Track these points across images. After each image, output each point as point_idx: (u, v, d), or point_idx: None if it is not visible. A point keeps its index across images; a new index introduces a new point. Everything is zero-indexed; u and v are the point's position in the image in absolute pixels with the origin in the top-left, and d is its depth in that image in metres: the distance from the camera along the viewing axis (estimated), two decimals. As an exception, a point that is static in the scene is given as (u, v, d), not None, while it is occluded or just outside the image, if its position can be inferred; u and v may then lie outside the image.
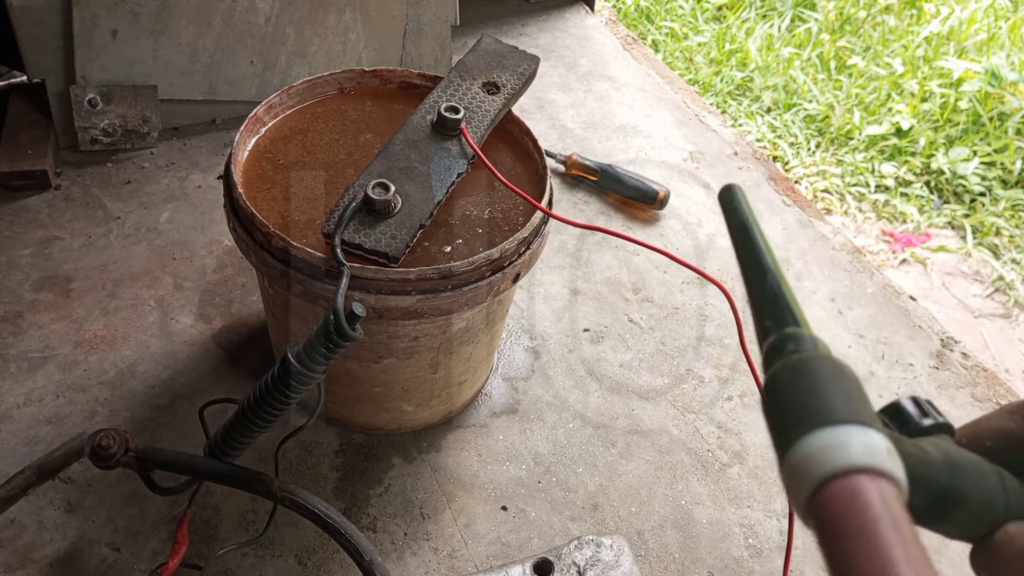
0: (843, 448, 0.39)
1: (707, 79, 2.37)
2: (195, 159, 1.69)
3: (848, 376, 0.42)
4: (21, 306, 1.36)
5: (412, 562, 1.12)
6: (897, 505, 0.38)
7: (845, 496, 0.38)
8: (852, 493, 0.38)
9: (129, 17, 1.56)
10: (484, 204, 1.09)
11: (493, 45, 1.23)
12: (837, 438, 0.39)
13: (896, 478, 0.39)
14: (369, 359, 1.10)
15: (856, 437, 0.39)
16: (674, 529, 1.19)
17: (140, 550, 1.09)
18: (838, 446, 0.39)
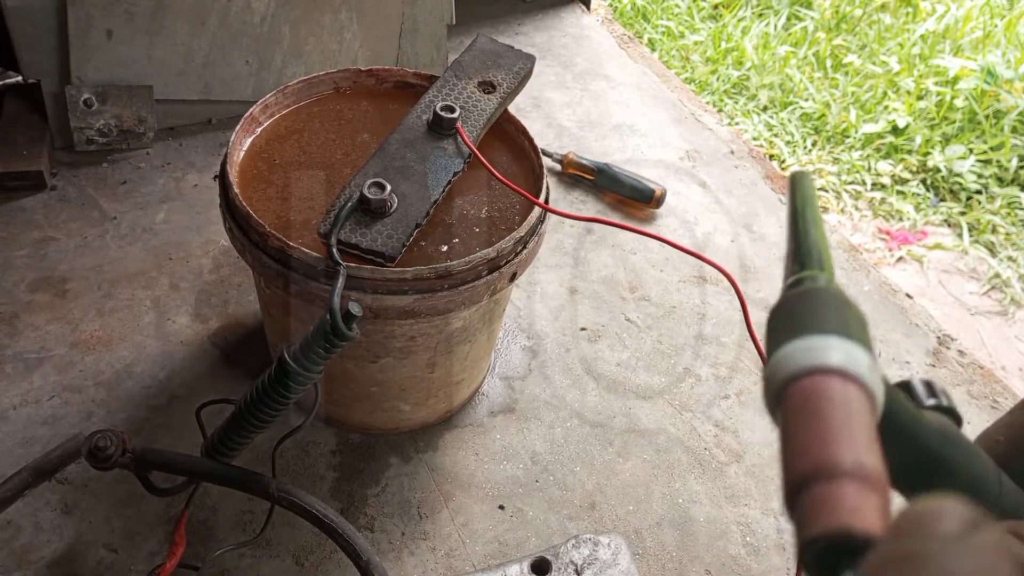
0: (822, 351, 0.41)
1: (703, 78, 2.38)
2: (191, 159, 1.69)
3: (852, 308, 0.43)
4: (17, 307, 1.36)
5: (410, 562, 1.12)
6: (861, 406, 0.39)
7: (811, 389, 0.40)
8: (819, 388, 0.40)
9: (124, 17, 1.56)
10: (481, 203, 1.09)
11: (489, 44, 1.23)
12: (820, 343, 0.41)
13: (870, 389, 0.40)
14: (366, 359, 1.09)
15: (839, 346, 0.41)
16: (672, 528, 1.20)
17: (137, 551, 1.09)
18: (819, 349, 0.41)
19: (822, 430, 0.39)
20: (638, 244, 1.64)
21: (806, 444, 0.39)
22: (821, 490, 0.38)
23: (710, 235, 1.70)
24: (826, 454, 0.38)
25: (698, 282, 1.58)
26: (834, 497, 0.37)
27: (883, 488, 0.38)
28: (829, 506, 0.37)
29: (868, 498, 0.37)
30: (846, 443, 0.38)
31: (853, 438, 0.38)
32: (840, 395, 0.40)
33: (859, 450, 0.38)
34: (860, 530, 0.36)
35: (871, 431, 0.39)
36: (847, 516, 0.36)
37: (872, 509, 0.37)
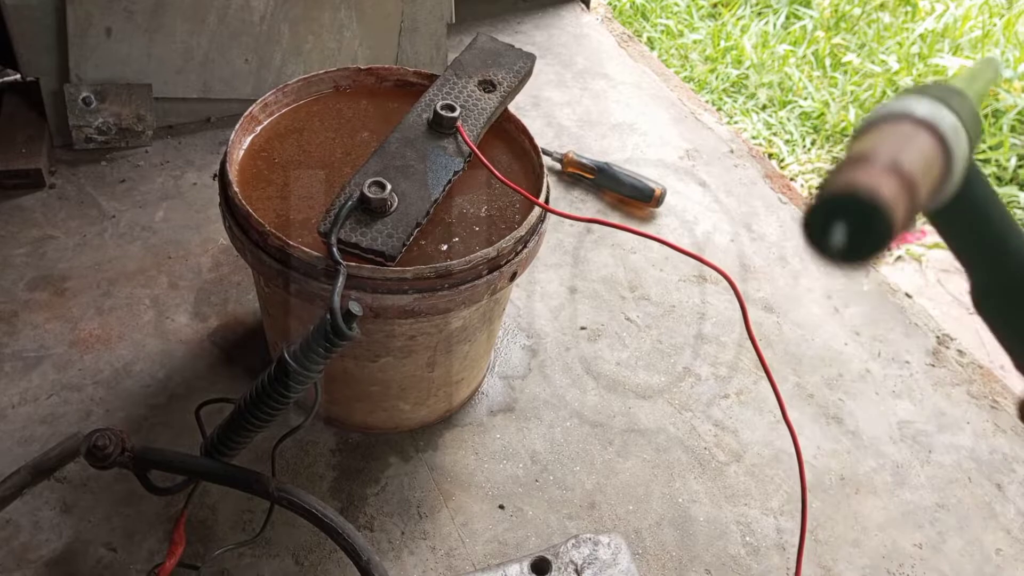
0: (912, 104, 0.46)
1: (703, 76, 2.37)
2: (190, 157, 1.69)
3: (966, 99, 0.47)
4: (16, 305, 1.36)
5: (409, 561, 1.12)
6: (926, 145, 0.44)
7: (888, 124, 0.45)
8: (894, 124, 0.45)
9: (123, 15, 1.55)
10: (481, 202, 1.08)
11: (489, 43, 1.23)
12: (915, 102, 0.46)
13: (946, 143, 0.44)
14: (366, 358, 1.09)
15: (929, 106, 0.45)
16: (671, 527, 1.19)
17: (136, 550, 1.09)
18: (911, 103, 0.46)
19: (877, 142, 0.43)
20: (638, 243, 1.64)
21: (860, 147, 0.43)
22: (850, 168, 0.41)
23: (710, 234, 1.70)
24: (868, 150, 0.42)
25: (698, 281, 1.58)
26: (858, 171, 0.40)
27: (910, 187, 0.40)
28: (850, 174, 0.40)
29: (890, 180, 0.40)
30: (892, 151, 0.42)
31: (901, 150, 0.42)
32: (909, 132, 0.44)
33: (900, 156, 0.41)
34: (868, 189, 0.39)
35: (926, 163, 0.42)
36: (862, 179, 0.39)
37: (887, 184, 0.39)
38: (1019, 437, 1.38)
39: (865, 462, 1.32)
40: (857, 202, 0.39)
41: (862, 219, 0.39)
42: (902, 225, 0.40)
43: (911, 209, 0.41)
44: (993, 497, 1.30)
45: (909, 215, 0.41)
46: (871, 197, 0.39)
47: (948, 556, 1.21)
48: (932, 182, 0.44)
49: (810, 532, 1.22)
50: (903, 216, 0.40)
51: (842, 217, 0.40)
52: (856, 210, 0.40)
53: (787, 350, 1.48)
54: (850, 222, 0.40)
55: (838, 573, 1.18)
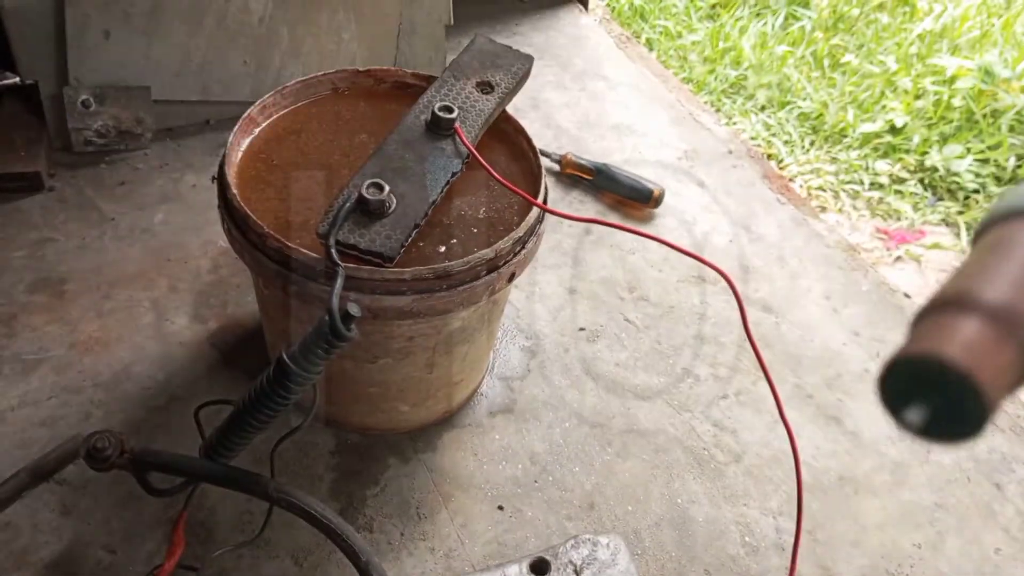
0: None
1: (701, 77, 2.38)
2: (189, 160, 1.69)
3: None
4: (15, 308, 1.36)
5: (409, 562, 1.12)
6: None
7: (1012, 229, 0.36)
8: (1017, 228, 0.36)
9: (121, 18, 1.56)
10: (479, 204, 1.09)
11: (487, 45, 1.23)
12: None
13: None
14: (365, 359, 1.09)
15: None
16: (670, 528, 1.20)
17: (136, 552, 1.09)
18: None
19: (990, 266, 0.34)
20: (637, 244, 1.64)
21: (965, 274, 0.35)
22: (947, 316, 0.33)
23: (708, 235, 1.70)
24: (974, 286, 0.33)
25: (697, 282, 1.58)
26: (953, 325, 0.32)
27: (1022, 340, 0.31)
28: (941, 332, 0.32)
29: (992, 341, 0.31)
30: (1004, 283, 0.33)
31: (1017, 281, 0.33)
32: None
33: (1016, 294, 0.32)
34: (956, 362, 0.30)
35: None
36: (950, 346, 0.31)
37: (989, 352, 0.31)
38: (1018, 437, 1.39)
39: (864, 462, 1.32)
40: (943, 377, 0.31)
41: (948, 398, 0.31)
42: (1005, 398, 0.32)
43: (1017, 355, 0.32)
44: (992, 497, 1.30)
45: (1021, 379, 0.32)
46: (962, 376, 0.30)
47: (947, 556, 1.21)
48: None
49: (809, 532, 1.22)
50: (1009, 390, 0.31)
51: (923, 391, 0.31)
52: (941, 386, 0.31)
53: (786, 350, 1.48)
54: (933, 399, 0.31)
55: (837, 573, 1.18)
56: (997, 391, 0.31)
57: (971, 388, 0.30)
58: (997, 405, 0.31)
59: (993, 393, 0.30)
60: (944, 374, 0.30)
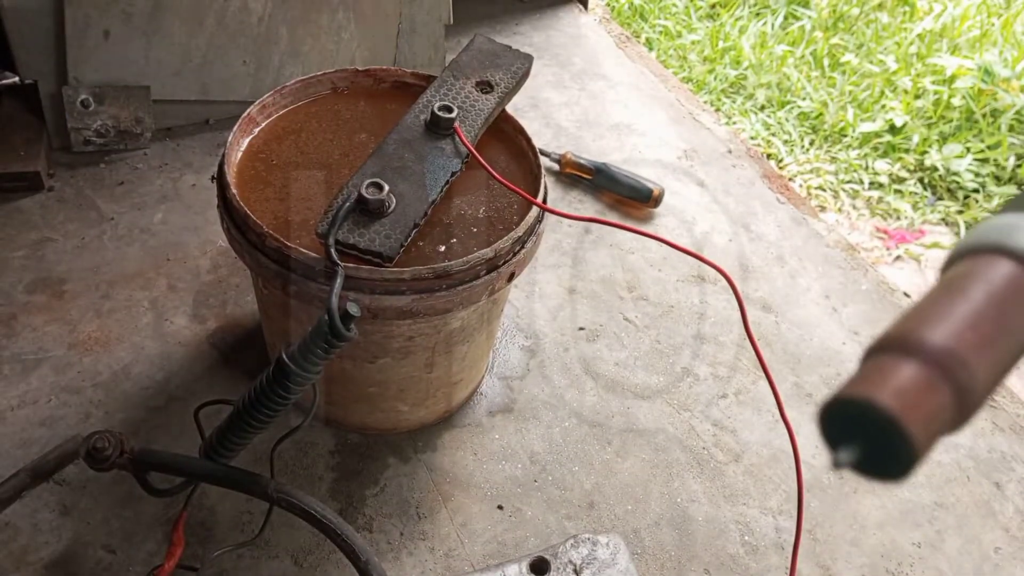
0: (1012, 230, 0.36)
1: (701, 77, 2.38)
2: (188, 159, 1.69)
3: None
4: (14, 308, 1.36)
5: (408, 562, 1.12)
6: (1015, 289, 0.34)
7: (973, 265, 0.36)
8: (981, 267, 0.35)
9: (121, 17, 1.56)
10: (479, 203, 1.09)
11: (486, 44, 1.23)
12: (1018, 223, 0.36)
13: None
14: (364, 359, 1.09)
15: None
16: (670, 527, 1.20)
17: (136, 552, 1.09)
18: (1011, 228, 0.36)
19: (940, 306, 0.34)
20: (636, 244, 1.64)
21: (914, 313, 0.35)
22: (887, 359, 0.33)
23: (708, 234, 1.70)
24: (918, 328, 0.33)
25: (696, 281, 1.58)
26: (891, 369, 0.32)
27: (961, 387, 0.32)
28: (879, 375, 0.32)
29: (927, 385, 0.31)
30: (955, 327, 0.33)
31: (971, 325, 0.33)
32: (999, 279, 0.35)
33: (965, 338, 0.33)
34: (886, 407, 0.30)
35: (1013, 322, 0.34)
36: (882, 392, 0.31)
37: (922, 398, 0.31)
38: (1017, 435, 1.39)
39: (864, 461, 1.32)
40: (873, 421, 0.31)
41: (878, 441, 0.31)
42: (938, 440, 0.32)
43: (964, 412, 0.32)
44: (992, 495, 1.30)
45: (958, 422, 0.32)
46: (890, 421, 0.31)
47: (947, 555, 1.21)
48: (1022, 341, 0.34)
49: (809, 531, 1.22)
50: (942, 433, 0.32)
51: (856, 432, 0.32)
52: (871, 429, 0.31)
53: (786, 350, 1.48)
54: (865, 440, 0.31)
55: (837, 572, 1.18)
56: (926, 436, 0.31)
57: (898, 433, 0.30)
58: (926, 449, 0.31)
59: (921, 438, 0.31)
60: (874, 418, 0.31)
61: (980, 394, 0.33)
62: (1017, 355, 0.35)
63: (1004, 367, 0.34)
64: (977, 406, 0.33)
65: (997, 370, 0.34)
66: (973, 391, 0.33)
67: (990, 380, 0.33)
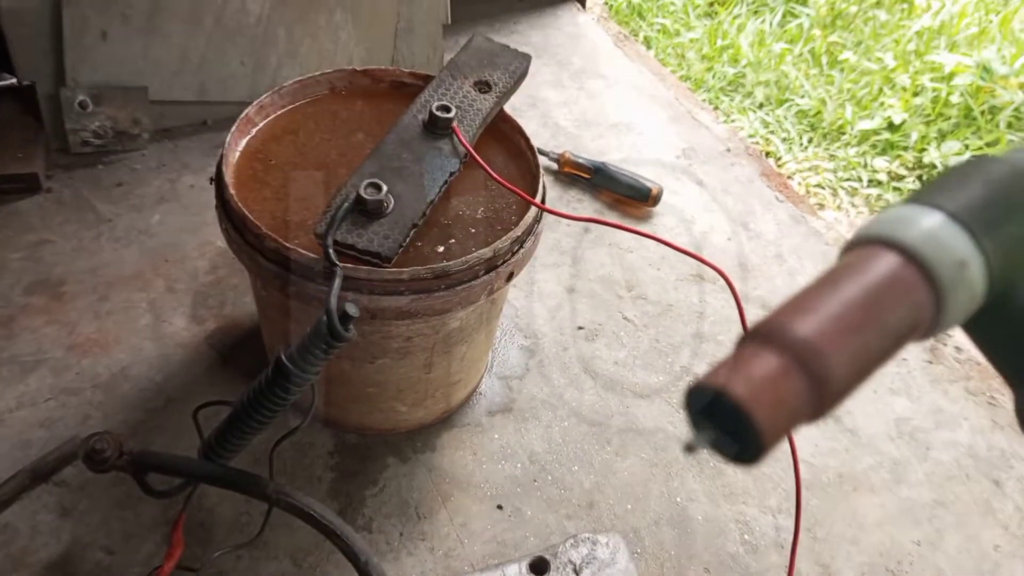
0: (904, 223, 0.36)
1: (699, 75, 2.37)
2: (186, 160, 1.69)
3: (1004, 183, 0.37)
4: (13, 310, 1.36)
5: (408, 562, 1.12)
6: (900, 290, 0.35)
7: (858, 257, 0.36)
8: (864, 259, 0.36)
9: (119, 18, 1.55)
10: (477, 203, 1.08)
11: (484, 44, 1.23)
12: (914, 214, 0.37)
13: (936, 276, 0.35)
14: (363, 359, 1.09)
15: (929, 222, 0.36)
16: (670, 526, 1.20)
17: (135, 553, 1.09)
18: (903, 220, 0.37)
19: (814, 297, 0.35)
20: (635, 243, 1.64)
21: (790, 303, 0.36)
22: (751, 348, 0.34)
23: (707, 233, 1.70)
24: (786, 318, 0.34)
25: (696, 280, 1.58)
26: (750, 359, 0.34)
27: (816, 377, 0.33)
28: (737, 363, 0.34)
29: (781, 375, 0.33)
30: (819, 318, 0.34)
31: (836, 317, 0.34)
32: (878, 271, 0.35)
33: (826, 329, 0.34)
34: (734, 395, 0.32)
35: (883, 315, 0.35)
36: (741, 381, 0.33)
37: (775, 387, 0.33)
38: (1017, 433, 1.39)
39: (863, 459, 1.32)
40: (724, 408, 0.33)
41: (730, 426, 0.33)
42: (792, 429, 0.33)
43: (822, 403, 0.33)
44: (991, 493, 1.30)
45: (816, 411, 0.34)
46: (737, 408, 0.32)
47: (946, 553, 1.21)
48: (893, 335, 0.35)
49: (808, 530, 1.22)
50: (795, 422, 0.33)
51: (713, 417, 0.33)
52: (724, 415, 0.33)
53: (785, 348, 1.48)
54: (720, 425, 0.33)
55: (836, 570, 1.18)
56: (774, 423, 0.32)
57: (745, 419, 0.32)
58: (774, 435, 0.33)
59: (768, 424, 0.32)
60: (724, 405, 0.32)
61: (838, 385, 0.34)
62: (890, 346, 0.36)
63: (870, 358, 0.35)
64: (836, 396, 0.34)
65: (860, 361, 0.34)
66: (829, 381, 0.33)
67: (851, 372, 0.34)
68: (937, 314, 0.37)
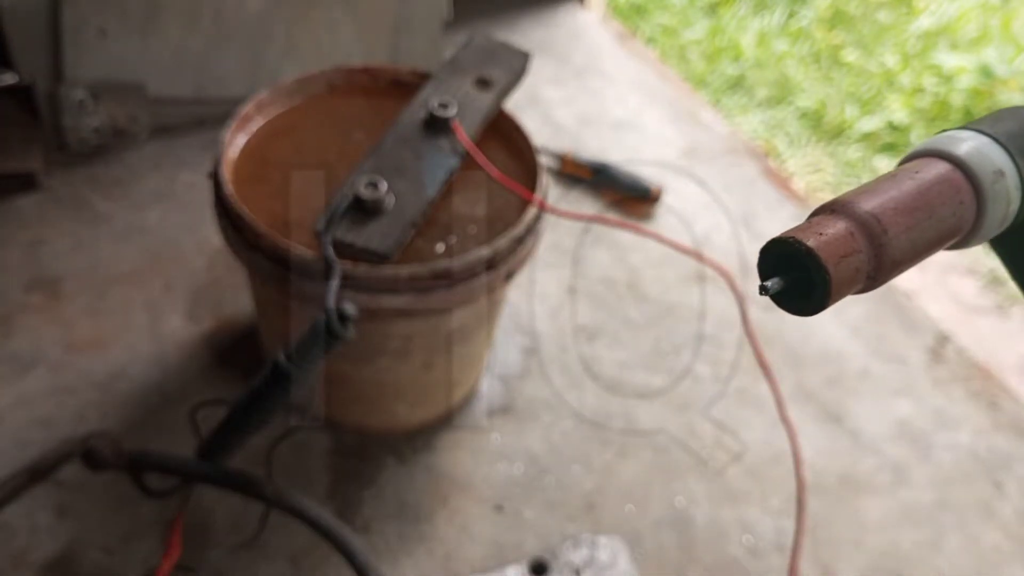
0: (952, 141, 0.44)
1: (701, 74, 2.37)
2: (184, 158, 1.68)
3: None
4: (11, 308, 1.35)
5: (406, 563, 1.11)
6: (950, 189, 0.42)
7: (914, 163, 0.43)
8: (919, 164, 0.43)
9: (117, 16, 1.55)
10: (477, 201, 1.08)
11: (484, 41, 1.22)
12: (961, 135, 0.44)
13: (979, 182, 0.42)
14: (362, 359, 1.09)
15: (973, 141, 0.44)
16: (671, 528, 1.19)
17: (132, 553, 1.08)
18: (951, 139, 0.44)
19: (878, 186, 0.41)
20: (636, 242, 1.63)
21: (858, 189, 0.42)
22: (823, 216, 0.41)
23: (708, 233, 1.69)
24: (855, 198, 0.41)
25: (697, 280, 1.57)
26: (822, 222, 0.40)
27: (878, 243, 0.39)
28: (811, 226, 0.40)
29: (847, 236, 0.39)
30: (881, 200, 0.40)
31: (895, 200, 0.40)
32: (930, 174, 0.42)
33: (887, 208, 0.40)
34: (808, 244, 0.38)
35: (933, 206, 0.41)
36: (813, 236, 0.39)
37: (842, 245, 0.39)
38: (1017, 435, 1.38)
39: (865, 461, 1.32)
40: (797, 255, 0.39)
41: (800, 273, 0.39)
42: (850, 285, 0.39)
43: (880, 269, 0.39)
44: (992, 495, 1.29)
45: (873, 277, 0.39)
46: (809, 252, 0.38)
47: (947, 554, 1.21)
48: (941, 226, 0.42)
49: (810, 531, 1.21)
50: (854, 280, 0.39)
51: (785, 266, 0.40)
52: (796, 262, 0.39)
53: (787, 349, 1.47)
54: (791, 273, 0.39)
55: (837, 572, 1.17)
56: (840, 276, 0.38)
57: (815, 267, 0.38)
58: (838, 288, 0.39)
59: (835, 275, 0.38)
60: (797, 252, 0.39)
61: (893, 255, 0.40)
62: (935, 234, 0.42)
63: (920, 240, 0.41)
64: (890, 267, 0.40)
65: (912, 239, 0.41)
66: (887, 248, 0.40)
67: (905, 248, 0.41)
68: (977, 218, 0.43)
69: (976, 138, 0.44)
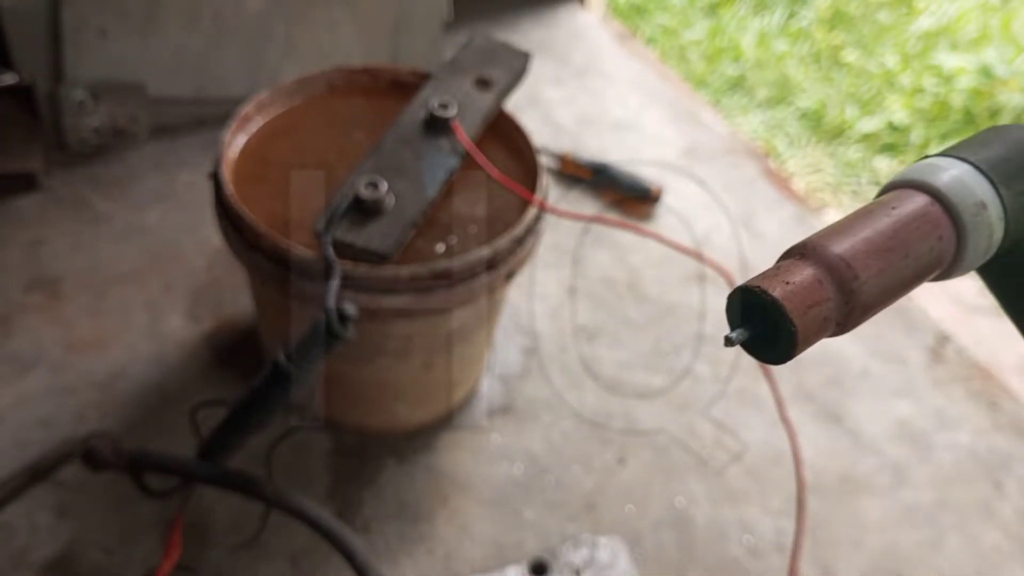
0: (930, 170, 0.42)
1: (701, 74, 2.37)
2: (184, 158, 1.68)
3: (1021, 144, 0.43)
4: (11, 308, 1.35)
5: (406, 564, 1.11)
6: (925, 224, 0.40)
7: (891, 196, 0.42)
8: (895, 197, 0.41)
9: (117, 15, 1.55)
10: (478, 201, 1.08)
11: (484, 41, 1.22)
12: (940, 164, 0.42)
13: (958, 214, 0.40)
14: (362, 359, 1.09)
15: (951, 170, 0.41)
16: (671, 528, 1.19)
17: (132, 554, 1.08)
18: (930, 168, 0.42)
19: (851, 225, 0.40)
20: (636, 243, 1.63)
21: (830, 228, 0.40)
22: (791, 261, 0.39)
23: (709, 233, 1.69)
24: (825, 239, 0.39)
25: (697, 280, 1.57)
26: (789, 268, 0.38)
27: (847, 289, 0.38)
28: (781, 273, 0.38)
29: (815, 283, 0.38)
30: (853, 241, 0.39)
31: (868, 241, 0.39)
32: (907, 208, 0.40)
33: (859, 250, 0.38)
34: (773, 296, 0.36)
35: (910, 244, 0.39)
36: (779, 285, 0.37)
37: (809, 292, 0.37)
38: (1017, 435, 1.38)
39: (865, 461, 1.32)
40: (763, 305, 0.37)
41: (766, 324, 0.37)
42: (819, 332, 0.38)
43: (850, 315, 0.38)
44: (992, 495, 1.29)
45: (843, 323, 0.38)
46: (775, 304, 0.36)
47: (947, 554, 1.21)
48: (918, 264, 0.40)
49: (809, 532, 1.21)
50: (822, 328, 0.38)
51: (752, 316, 0.38)
52: (761, 312, 0.37)
53: (786, 349, 1.47)
54: (757, 323, 0.38)
55: (838, 572, 1.17)
56: (807, 326, 0.37)
57: (781, 318, 0.36)
58: (806, 337, 0.37)
59: (802, 325, 0.37)
60: (763, 303, 0.37)
61: (865, 300, 0.39)
62: (912, 273, 0.40)
63: (894, 281, 0.39)
64: (862, 311, 0.39)
65: (886, 282, 0.39)
66: (858, 295, 0.38)
67: (878, 290, 0.39)
68: (958, 251, 0.42)
69: (957, 166, 0.42)
